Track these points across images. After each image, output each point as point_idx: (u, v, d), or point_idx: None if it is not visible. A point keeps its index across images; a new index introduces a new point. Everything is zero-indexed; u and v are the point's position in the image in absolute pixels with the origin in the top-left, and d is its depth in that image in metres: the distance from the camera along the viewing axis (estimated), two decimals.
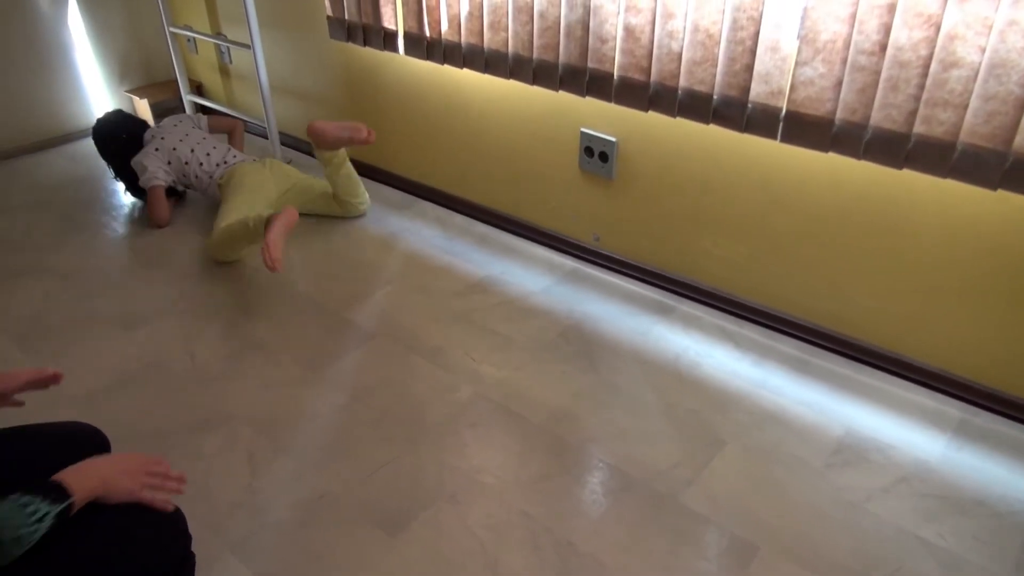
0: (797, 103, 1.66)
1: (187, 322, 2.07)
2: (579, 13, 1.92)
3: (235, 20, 3.11)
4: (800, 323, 1.97)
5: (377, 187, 2.87)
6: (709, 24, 1.72)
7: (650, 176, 2.09)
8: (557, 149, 2.27)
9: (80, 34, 3.20)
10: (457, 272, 2.30)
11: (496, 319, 2.07)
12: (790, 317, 1.99)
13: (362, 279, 2.27)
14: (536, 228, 2.46)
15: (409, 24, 2.34)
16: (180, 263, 2.36)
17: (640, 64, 1.87)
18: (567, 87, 2.06)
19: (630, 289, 2.22)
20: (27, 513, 0.95)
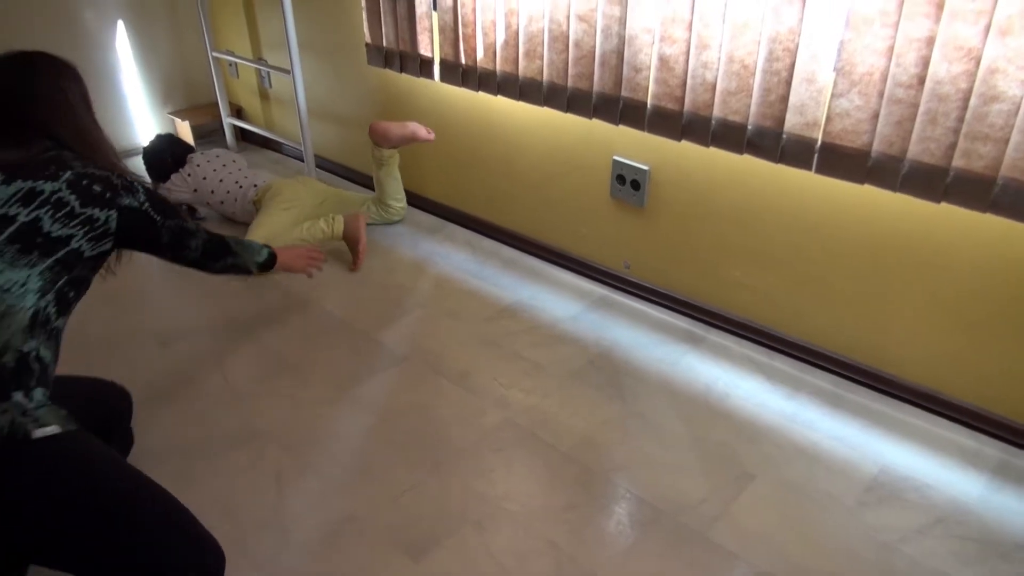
0: (833, 135, 1.65)
1: (221, 340, 2.10)
2: (614, 43, 1.94)
3: (276, 46, 3.19)
4: (833, 356, 1.94)
5: (409, 211, 2.90)
6: (744, 55, 1.72)
7: (682, 205, 2.09)
8: (589, 176, 2.28)
9: (127, 57, 3.31)
10: (487, 296, 2.31)
11: (525, 345, 2.07)
12: (823, 350, 1.96)
13: (393, 301, 2.29)
14: (566, 254, 2.46)
15: (445, 52, 2.38)
16: (218, 282, 2.40)
17: (674, 93, 1.88)
18: (601, 115, 2.07)
19: (660, 318, 2.21)
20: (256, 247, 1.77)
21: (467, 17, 2.25)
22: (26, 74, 1.35)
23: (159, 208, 1.40)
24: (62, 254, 1.22)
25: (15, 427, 1.08)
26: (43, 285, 1.20)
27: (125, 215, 1.31)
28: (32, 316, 1.18)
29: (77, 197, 1.25)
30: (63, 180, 1.25)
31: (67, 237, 1.23)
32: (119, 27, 3.24)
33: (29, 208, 1.21)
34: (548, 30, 2.07)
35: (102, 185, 1.29)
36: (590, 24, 1.97)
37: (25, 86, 1.34)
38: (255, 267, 1.76)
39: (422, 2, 2.38)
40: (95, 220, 1.27)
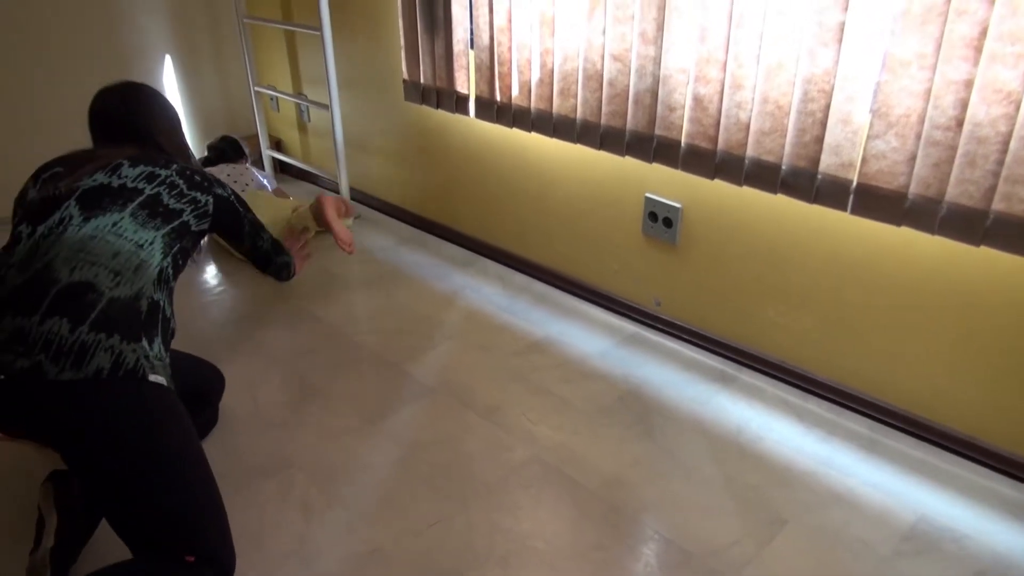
0: (869, 176, 1.64)
1: (254, 366, 2.13)
2: (648, 82, 1.97)
3: (316, 81, 3.28)
4: (869, 400, 1.90)
5: (440, 243, 2.93)
6: (779, 96, 1.73)
7: (714, 243, 2.08)
8: (621, 213, 2.29)
9: (173, 90, 3.43)
10: (516, 331, 2.32)
11: (554, 380, 2.07)
12: (858, 393, 1.92)
13: (423, 333, 2.31)
14: (597, 290, 2.47)
15: (481, 89, 2.43)
16: (253, 309, 2.45)
17: (708, 132, 1.89)
18: (634, 153, 2.09)
19: (691, 356, 2.19)
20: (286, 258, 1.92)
21: (503, 56, 2.30)
22: (139, 97, 1.70)
23: (241, 203, 1.72)
24: (177, 224, 1.52)
25: (138, 365, 1.29)
26: (164, 247, 1.47)
27: (218, 202, 1.63)
28: (159, 272, 1.44)
29: (184, 182, 1.57)
30: (173, 169, 1.57)
31: (180, 211, 1.53)
32: (167, 62, 3.37)
33: (152, 184, 1.51)
34: (583, 69, 2.10)
35: (200, 176, 1.62)
36: (624, 64, 2.00)
37: (139, 105, 1.69)
38: (288, 268, 1.93)
39: (459, 41, 2.44)
40: (198, 201, 1.58)
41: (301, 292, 2.56)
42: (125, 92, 1.71)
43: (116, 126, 1.65)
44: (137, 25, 3.22)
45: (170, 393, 1.34)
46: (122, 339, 1.29)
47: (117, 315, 1.31)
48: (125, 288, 1.36)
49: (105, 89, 1.70)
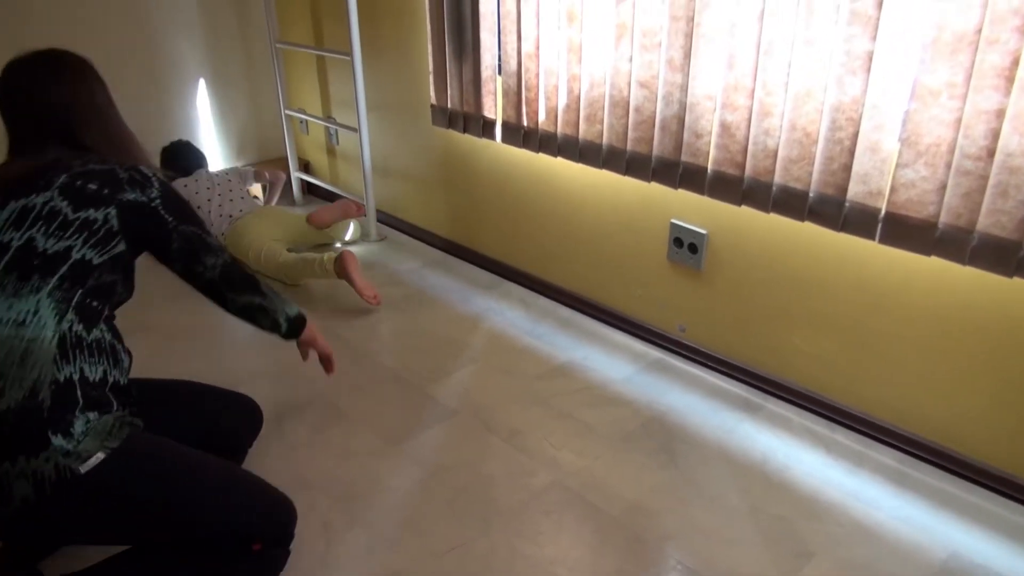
0: (897, 205, 1.63)
1: (279, 388, 2.16)
2: (675, 109, 1.98)
3: (345, 104, 3.35)
4: (898, 431, 1.87)
5: (465, 266, 2.96)
6: (807, 123, 1.73)
7: (740, 269, 2.08)
8: (646, 238, 2.29)
9: (206, 112, 3.51)
10: (540, 355, 2.32)
11: (577, 405, 2.06)
12: (887, 424, 1.89)
13: (446, 356, 2.32)
14: (621, 315, 2.46)
15: (508, 114, 2.46)
16: None
17: (735, 159, 1.90)
18: (660, 179, 2.10)
19: (716, 384, 2.17)
20: (286, 300, 1.54)
21: (530, 82, 2.33)
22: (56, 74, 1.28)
23: (173, 208, 1.28)
24: (65, 269, 1.16)
25: (60, 471, 1.09)
26: (57, 307, 1.14)
27: (126, 210, 1.21)
28: (59, 343, 1.13)
29: (69, 202, 1.18)
30: (56, 187, 1.18)
31: (65, 250, 1.16)
32: (200, 85, 3.45)
33: (22, 230, 1.15)
34: (609, 95, 2.12)
35: (100, 182, 1.21)
36: (651, 91, 2.02)
37: (56, 86, 1.27)
38: (285, 321, 1.53)
39: (487, 66, 2.48)
40: (92, 223, 1.18)
41: (326, 312, 2.59)
42: (36, 67, 1.28)
43: (23, 116, 1.27)
44: (173, 49, 3.32)
45: (117, 454, 1.15)
46: (28, 457, 1.08)
47: (11, 433, 1.08)
48: (13, 392, 1.09)
49: (13, 62, 1.29)
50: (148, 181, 1.26)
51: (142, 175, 1.26)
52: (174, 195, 1.30)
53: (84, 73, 1.33)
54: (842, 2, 1.59)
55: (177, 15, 3.28)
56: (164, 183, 1.28)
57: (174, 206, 1.28)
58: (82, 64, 1.34)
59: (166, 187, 1.29)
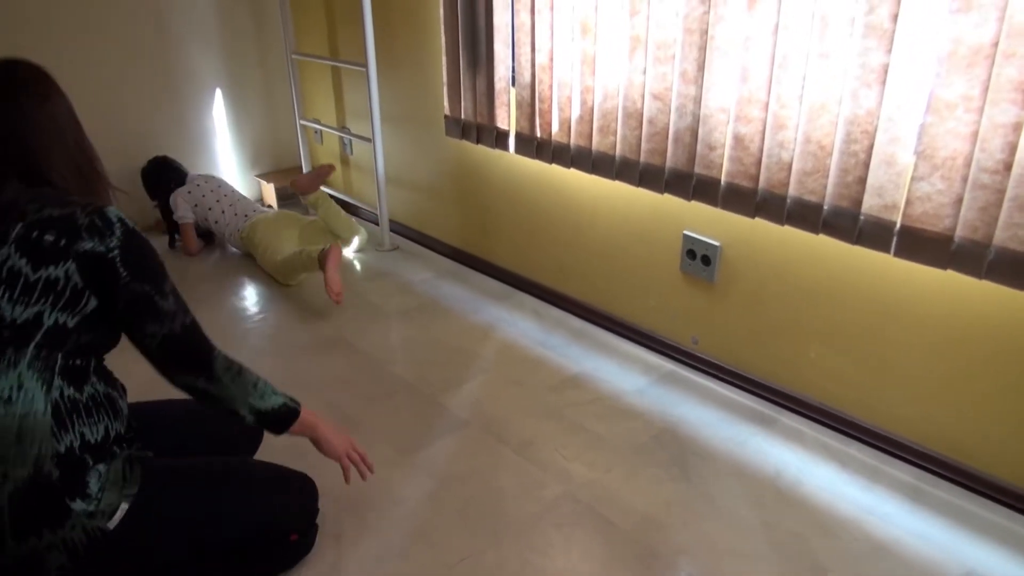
0: (913, 218, 1.62)
1: (291, 395, 2.16)
2: (688, 121, 1.98)
3: (359, 115, 3.37)
4: (914, 447, 1.86)
5: (477, 277, 2.96)
6: (821, 136, 1.73)
7: (753, 281, 2.07)
8: (658, 250, 2.29)
9: (222, 122, 3.54)
10: (552, 366, 2.32)
11: (588, 416, 2.06)
12: (903, 440, 1.87)
13: (458, 366, 2.32)
14: (633, 327, 2.46)
15: (521, 125, 2.47)
16: (291, 338, 2.49)
17: (748, 171, 1.89)
18: (673, 191, 2.10)
19: (728, 396, 2.16)
20: (269, 387, 1.30)
21: (544, 93, 2.34)
22: (6, 94, 1.10)
23: (132, 261, 1.09)
24: (39, 338, 1.04)
25: (90, 533, 1.08)
26: (41, 376, 1.05)
27: (83, 262, 1.06)
28: (53, 413, 1.06)
29: (28, 260, 1.04)
30: (11, 241, 1.04)
31: (35, 316, 1.04)
32: (217, 95, 3.49)
33: None
34: (623, 107, 2.12)
35: (57, 231, 1.05)
36: (664, 103, 2.02)
37: (11, 107, 1.10)
38: (250, 413, 1.27)
39: (501, 78, 2.49)
40: (54, 283, 1.04)
41: (339, 322, 2.60)
42: None
43: None
44: (190, 59, 3.36)
45: (140, 500, 1.14)
46: (54, 528, 1.05)
47: (28, 510, 1.04)
48: (17, 472, 1.03)
49: None
50: (110, 227, 1.08)
51: (104, 220, 1.08)
52: (137, 245, 1.11)
53: (42, 88, 1.12)
54: (857, 15, 1.59)
55: (195, 25, 3.33)
56: (129, 231, 1.10)
57: (134, 258, 1.09)
58: (39, 76, 1.14)
59: (130, 236, 1.10)
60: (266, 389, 1.28)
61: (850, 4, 1.60)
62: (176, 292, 1.16)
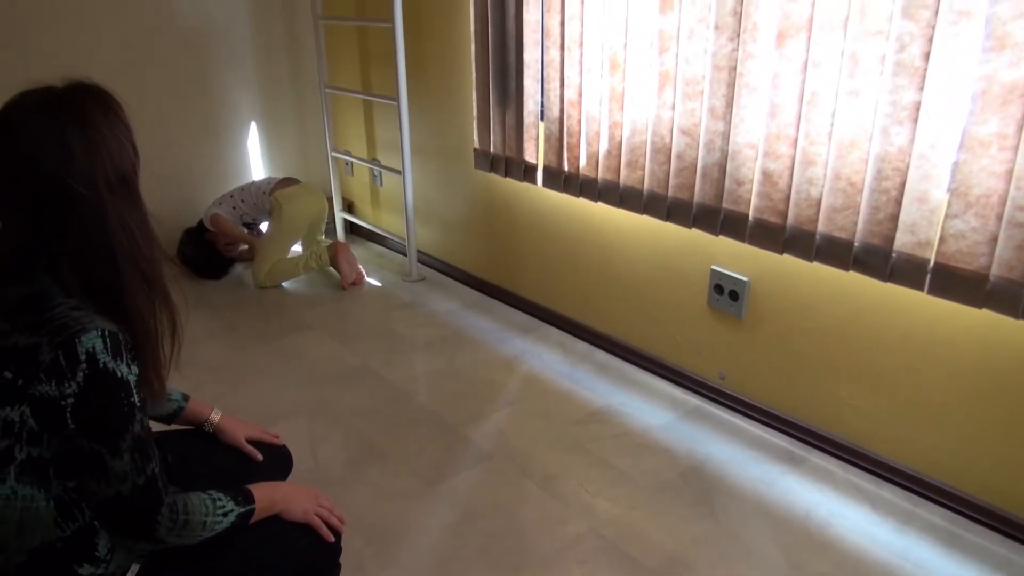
0: (947, 256, 1.60)
1: (315, 425, 2.17)
2: (716, 156, 1.98)
3: (389, 147, 3.42)
4: (948, 490, 1.81)
5: (504, 308, 2.96)
6: (851, 173, 1.72)
7: (782, 317, 2.05)
8: (686, 284, 2.28)
9: (256, 153, 3.62)
10: (577, 399, 2.30)
11: (614, 452, 2.04)
12: (937, 482, 1.83)
13: (483, 398, 2.31)
14: (660, 361, 2.44)
15: (549, 159, 2.49)
16: (318, 366, 2.51)
17: (777, 207, 1.88)
18: (700, 225, 2.10)
19: (757, 434, 2.13)
20: (217, 506, 1.09)
21: (572, 128, 2.36)
22: (28, 137, 0.93)
23: (85, 415, 0.94)
24: (16, 467, 0.97)
25: None
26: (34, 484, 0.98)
27: (37, 406, 0.93)
28: (57, 505, 1.00)
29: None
30: None
31: (6, 450, 0.95)
32: (251, 128, 3.57)
33: None
34: (651, 142, 2.14)
35: (16, 367, 0.92)
36: (693, 138, 2.03)
37: (21, 159, 0.93)
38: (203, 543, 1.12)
39: (530, 112, 2.52)
40: (11, 424, 0.94)
41: (365, 351, 2.61)
42: (29, 117, 0.95)
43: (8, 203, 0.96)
44: (228, 93, 3.44)
45: (151, 559, 1.07)
46: None
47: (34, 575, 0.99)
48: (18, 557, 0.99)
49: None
50: (73, 367, 0.92)
51: (70, 356, 0.91)
52: (99, 393, 0.94)
53: (79, 126, 0.95)
54: (888, 53, 1.59)
55: (233, 61, 3.42)
56: (96, 373, 0.93)
57: (89, 410, 0.94)
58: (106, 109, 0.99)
59: (94, 380, 0.93)
60: (215, 516, 1.09)
61: (880, 42, 1.60)
62: (139, 446, 0.98)
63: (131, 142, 1.01)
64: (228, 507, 1.11)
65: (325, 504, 1.27)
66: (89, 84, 1.02)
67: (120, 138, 1.00)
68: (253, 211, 3.23)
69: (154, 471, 1.00)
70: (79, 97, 0.99)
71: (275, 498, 1.21)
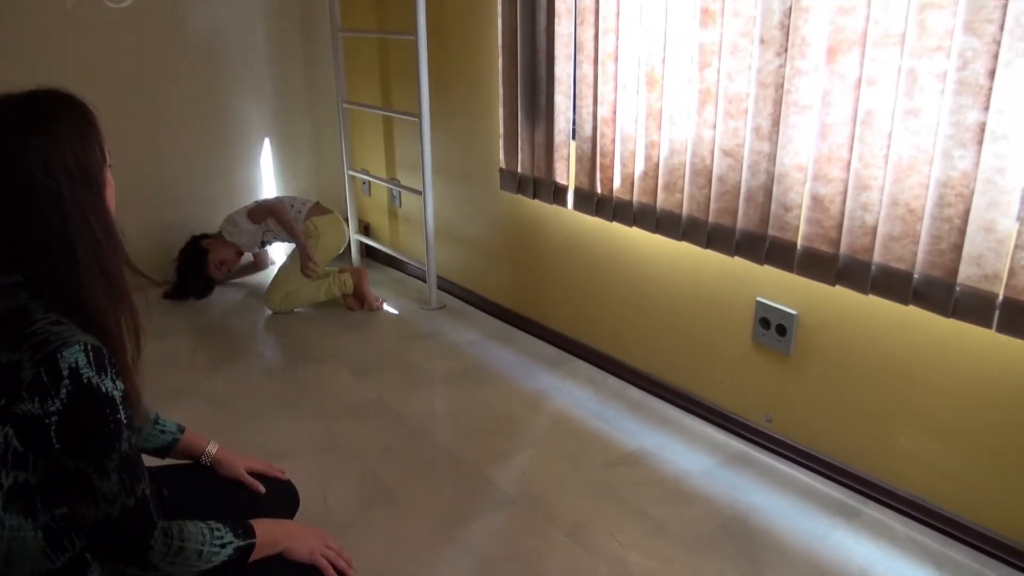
0: (1018, 290, 1.58)
1: (326, 462, 2.18)
2: (762, 179, 1.98)
3: (410, 166, 3.47)
4: (1022, 549, 1.76)
5: (529, 340, 2.97)
6: (910, 199, 1.71)
7: (835, 355, 2.03)
8: (728, 317, 2.27)
9: (269, 171, 3.69)
10: (608, 440, 2.29)
11: (648, 499, 2.02)
12: (1010, 542, 1.78)
13: (505, 437, 2.31)
14: (699, 401, 2.42)
15: (580, 180, 2.51)
16: (328, 400, 2.53)
17: (828, 235, 1.88)
18: (744, 253, 2.09)
19: (806, 482, 2.10)
20: (215, 536, 1.10)
21: (606, 147, 2.38)
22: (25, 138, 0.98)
23: (70, 434, 0.96)
24: (5, 493, 0.98)
25: None
26: (22, 513, 0.99)
27: (20, 426, 0.95)
28: (46, 535, 1.01)
29: None
30: None
31: None
32: (266, 144, 3.65)
33: None
34: (690, 163, 2.14)
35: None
36: (736, 159, 2.03)
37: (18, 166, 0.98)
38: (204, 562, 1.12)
39: (560, 131, 2.55)
40: None
41: (380, 384, 2.63)
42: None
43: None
44: (241, 107, 3.53)
45: None
46: None
47: None
48: None
49: None
50: (56, 383, 0.94)
51: (53, 373, 0.94)
52: (85, 409, 0.97)
53: (48, 142, 0.99)
54: (949, 71, 1.59)
55: (246, 73, 3.51)
56: (80, 389, 0.96)
57: (74, 428, 0.96)
58: (72, 111, 1.04)
59: (78, 397, 0.96)
60: (212, 546, 1.10)
61: (941, 59, 1.60)
62: (127, 465, 1.00)
63: (100, 146, 1.06)
64: (227, 538, 1.12)
65: (333, 546, 1.27)
66: (60, 91, 1.06)
67: (87, 138, 1.04)
68: (278, 231, 3.29)
69: (144, 492, 1.02)
70: (45, 97, 1.04)
71: (278, 535, 1.20)
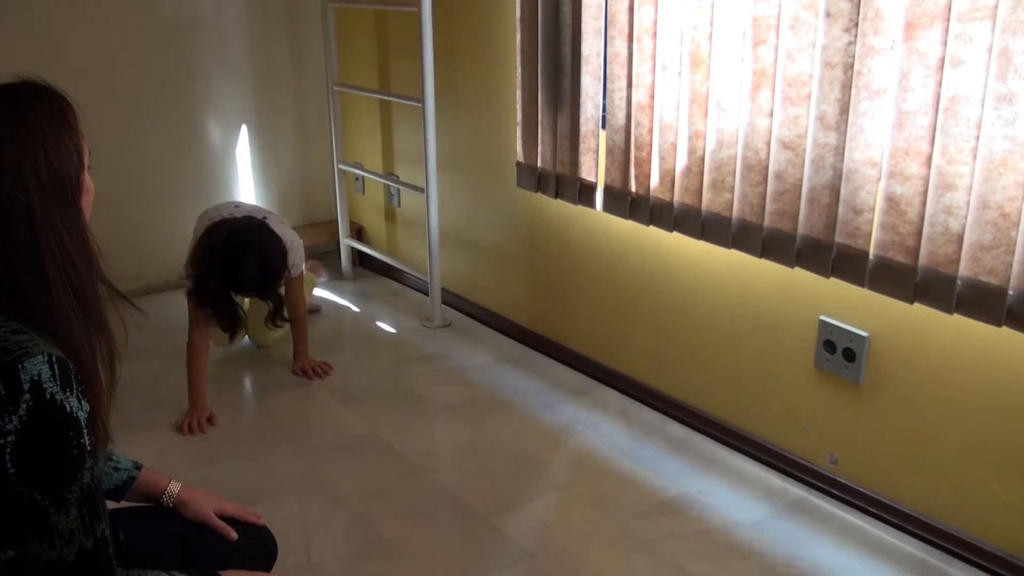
0: None
1: (309, 506, 2.19)
2: (827, 177, 1.99)
3: (411, 160, 3.50)
4: None
5: (550, 364, 2.98)
6: (1003, 200, 1.71)
7: (913, 385, 2.02)
8: (786, 339, 2.27)
9: (246, 163, 3.73)
10: (642, 485, 2.29)
11: (689, 555, 2.02)
12: None
13: (521, 479, 2.32)
14: (751, 438, 2.42)
15: (611, 177, 2.52)
16: (314, 433, 2.54)
17: (905, 244, 1.88)
18: (805, 264, 2.09)
19: (878, 536, 2.09)
20: None
21: (642, 139, 2.39)
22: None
23: (27, 457, 0.98)
24: None
25: None
26: None
27: None
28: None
29: None
30: None
31: None
32: (242, 132, 3.68)
33: None
34: (742, 157, 2.15)
35: None
36: (797, 153, 2.04)
37: None
38: None
39: (588, 119, 2.56)
40: None
41: (373, 416, 2.64)
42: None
43: None
44: (214, 88, 3.57)
45: None
46: None
47: None
48: None
49: None
50: (15, 397, 0.96)
51: (12, 385, 0.96)
52: (46, 429, 0.99)
53: (25, 143, 1.03)
54: None
55: (221, 48, 3.54)
56: (42, 406, 0.98)
57: (32, 450, 0.98)
58: (51, 108, 1.09)
59: (40, 414, 0.98)
60: None
61: None
62: (88, 499, 1.02)
63: (78, 150, 1.09)
64: None
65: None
66: (33, 82, 1.10)
67: (64, 142, 1.07)
68: None
69: (104, 533, 1.03)
70: (21, 91, 1.08)
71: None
